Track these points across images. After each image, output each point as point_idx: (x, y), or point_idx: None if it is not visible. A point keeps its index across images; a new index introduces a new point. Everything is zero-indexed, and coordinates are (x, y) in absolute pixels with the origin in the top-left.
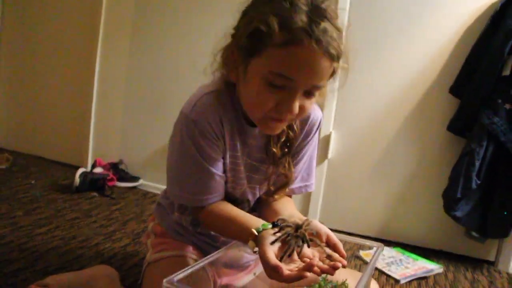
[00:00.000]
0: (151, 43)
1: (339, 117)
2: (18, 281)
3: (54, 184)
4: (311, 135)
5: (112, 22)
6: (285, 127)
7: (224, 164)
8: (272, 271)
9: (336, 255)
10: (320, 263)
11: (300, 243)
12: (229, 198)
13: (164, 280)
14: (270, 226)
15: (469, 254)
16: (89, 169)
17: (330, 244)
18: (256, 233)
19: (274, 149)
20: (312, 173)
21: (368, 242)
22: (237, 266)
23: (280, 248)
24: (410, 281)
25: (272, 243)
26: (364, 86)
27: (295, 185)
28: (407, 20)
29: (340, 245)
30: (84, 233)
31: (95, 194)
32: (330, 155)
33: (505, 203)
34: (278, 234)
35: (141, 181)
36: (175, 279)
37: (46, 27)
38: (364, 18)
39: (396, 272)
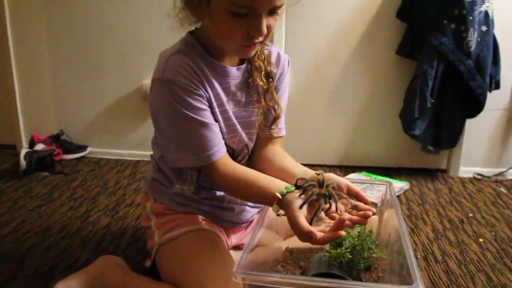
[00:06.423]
0: None
1: (289, 51)
2: None
3: None
4: (285, 71)
5: None
6: (261, 63)
7: (214, 113)
8: (305, 237)
9: (361, 204)
10: (350, 215)
11: (328, 200)
12: (228, 149)
13: (233, 270)
14: (293, 188)
15: (424, 166)
16: (25, 146)
17: (352, 194)
18: (281, 197)
19: (260, 81)
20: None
21: (377, 181)
22: (242, 223)
23: (308, 210)
24: None
25: (301, 206)
26: (312, 17)
27: (281, 124)
28: None
29: (362, 193)
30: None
31: (46, 173)
32: None
33: (454, 116)
34: (305, 197)
35: (89, 149)
36: (241, 266)
37: None
38: None
39: (372, 196)
